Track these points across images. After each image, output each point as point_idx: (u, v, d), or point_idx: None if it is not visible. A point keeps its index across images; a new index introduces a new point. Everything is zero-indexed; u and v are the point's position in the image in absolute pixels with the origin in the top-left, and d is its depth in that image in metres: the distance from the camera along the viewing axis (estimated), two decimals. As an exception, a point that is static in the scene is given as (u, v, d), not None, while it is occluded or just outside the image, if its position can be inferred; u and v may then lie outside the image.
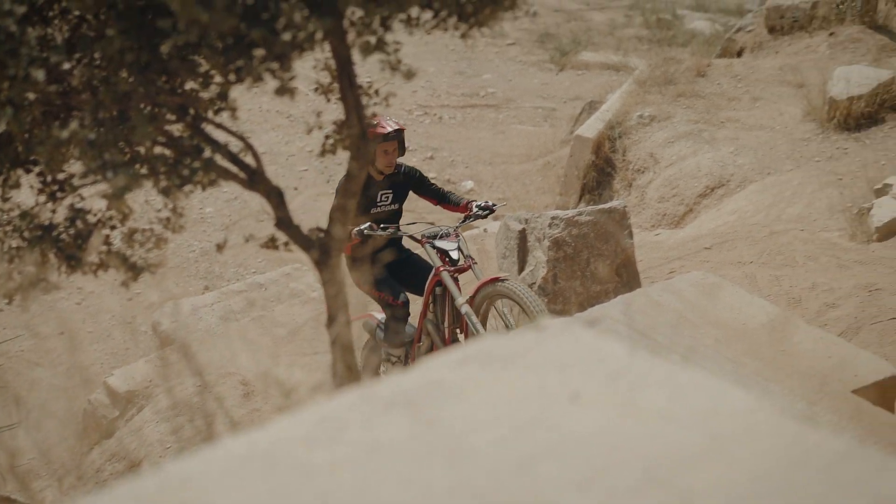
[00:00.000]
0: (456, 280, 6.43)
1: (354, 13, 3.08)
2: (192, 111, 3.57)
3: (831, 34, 11.56)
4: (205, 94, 3.58)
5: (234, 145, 3.73)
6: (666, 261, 8.21)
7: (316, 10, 2.98)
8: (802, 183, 9.22)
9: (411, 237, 6.61)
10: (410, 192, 6.93)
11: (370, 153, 5.88)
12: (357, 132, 3.60)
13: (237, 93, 3.48)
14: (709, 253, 8.21)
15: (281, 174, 11.60)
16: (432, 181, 7.16)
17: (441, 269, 6.42)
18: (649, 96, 10.95)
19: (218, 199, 11.22)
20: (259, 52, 3.02)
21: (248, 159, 3.73)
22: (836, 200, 8.80)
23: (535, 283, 6.50)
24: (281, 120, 12.50)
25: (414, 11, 3.18)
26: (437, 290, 6.56)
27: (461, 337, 6.56)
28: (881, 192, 8.38)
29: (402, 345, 6.82)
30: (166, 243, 4.20)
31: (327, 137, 3.80)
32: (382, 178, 6.77)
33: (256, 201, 3.84)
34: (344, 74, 3.49)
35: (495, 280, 6.31)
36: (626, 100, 10.97)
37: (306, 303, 8.62)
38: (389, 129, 6.57)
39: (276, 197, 3.76)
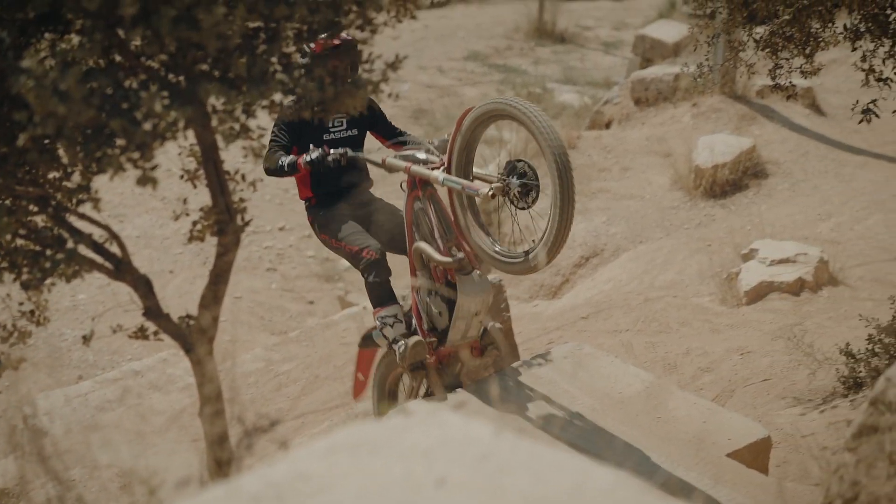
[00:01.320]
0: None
1: (217, 101, 3.08)
2: (53, 202, 3.50)
3: (694, 105, 11.96)
4: (67, 185, 3.53)
5: (100, 234, 3.67)
6: (545, 331, 8.30)
7: (177, 98, 2.96)
8: (673, 250, 9.45)
9: (370, 160, 5.71)
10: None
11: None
12: (225, 217, 3.57)
13: (103, 180, 3.43)
14: (586, 322, 8.33)
15: (156, 257, 11.41)
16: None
17: (408, 165, 5.52)
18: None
19: (91, 285, 10.95)
20: (120, 142, 2.98)
21: (114, 248, 3.67)
22: (705, 266, 9.04)
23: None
24: (154, 202, 12.33)
25: (277, 97, 3.19)
26: (416, 205, 5.64)
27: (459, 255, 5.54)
28: (748, 256, 8.64)
29: (391, 301, 5.79)
30: (30, 336, 4.09)
31: (195, 224, 3.77)
32: None
33: (128, 289, 3.77)
34: (209, 160, 3.48)
35: (464, 115, 5.33)
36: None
37: (184, 389, 8.44)
38: (337, 42, 5.44)
39: (143, 286, 3.69)
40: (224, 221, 3.53)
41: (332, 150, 5.61)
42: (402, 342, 5.73)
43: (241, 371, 8.34)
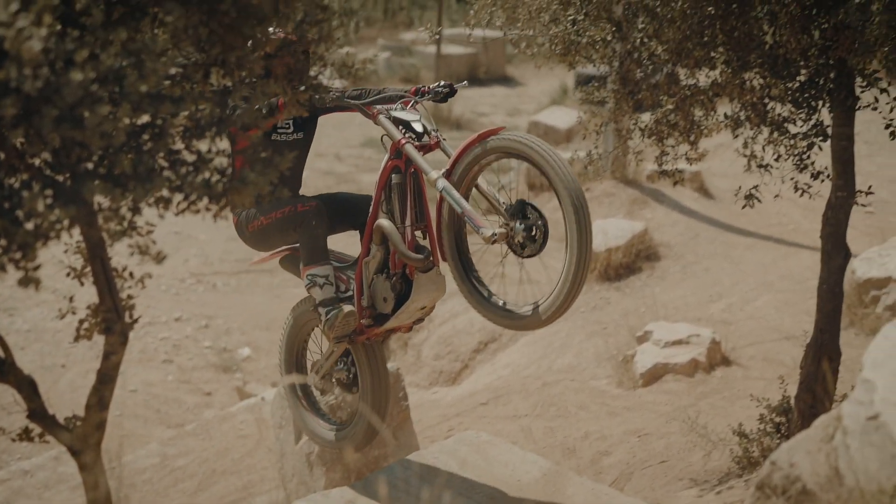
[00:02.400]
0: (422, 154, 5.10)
1: (102, 199, 3.04)
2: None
3: (587, 190, 12.19)
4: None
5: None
6: (444, 419, 8.27)
7: (61, 197, 2.92)
8: (570, 333, 9.54)
9: (359, 108, 5.24)
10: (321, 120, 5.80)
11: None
12: (112, 316, 3.51)
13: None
14: (485, 408, 8.33)
15: (47, 351, 11.12)
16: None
17: (403, 141, 5.04)
18: (420, 256, 11.18)
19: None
20: (1, 242, 2.92)
21: (-3, 349, 3.57)
22: (602, 349, 9.14)
23: (312, 453, 6.39)
24: (46, 295, 12.05)
25: (164, 193, 3.16)
26: (394, 177, 5.13)
27: (425, 242, 5.27)
28: (643, 338, 8.76)
29: (325, 260, 5.36)
30: None
31: (81, 322, 3.70)
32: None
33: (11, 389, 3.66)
34: (96, 258, 3.42)
35: (486, 136, 4.92)
36: (397, 260, 11.15)
37: (76, 488, 8.18)
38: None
39: (27, 387, 3.59)
40: (111, 320, 3.47)
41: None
42: (334, 309, 5.34)
43: (134, 467, 8.12)
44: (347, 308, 5.34)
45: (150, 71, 2.80)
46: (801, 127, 6.53)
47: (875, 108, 6.32)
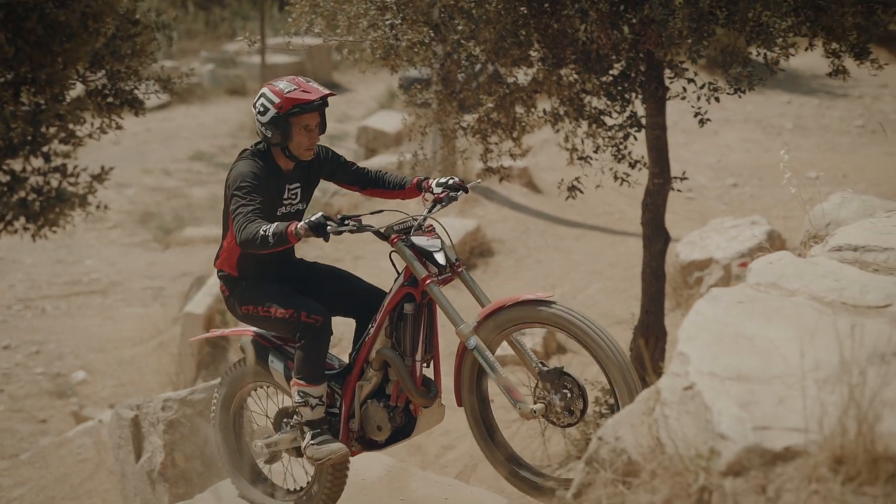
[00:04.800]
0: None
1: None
2: None
3: (418, 191, 12.32)
4: None
5: None
6: (288, 427, 8.25)
7: None
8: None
9: (377, 233, 4.72)
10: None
11: (285, 133, 4.73)
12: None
13: None
14: (329, 413, 8.35)
15: None
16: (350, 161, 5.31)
17: (429, 280, 4.60)
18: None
19: None
20: None
21: None
22: (442, 347, 9.24)
23: (154, 470, 6.30)
24: None
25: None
26: (406, 307, 4.72)
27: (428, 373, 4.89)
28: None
29: (321, 379, 4.79)
30: None
31: None
32: (293, 166, 4.87)
33: None
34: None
35: (530, 303, 4.49)
36: (233, 271, 11.05)
37: None
38: (315, 97, 4.71)
39: None
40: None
41: (335, 217, 4.54)
42: (324, 438, 4.80)
43: (-33, 503, 7.84)
44: (344, 450, 4.83)
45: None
46: (617, 119, 6.79)
47: (684, 98, 6.62)
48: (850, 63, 6.49)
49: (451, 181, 5.06)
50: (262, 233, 4.47)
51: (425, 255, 4.69)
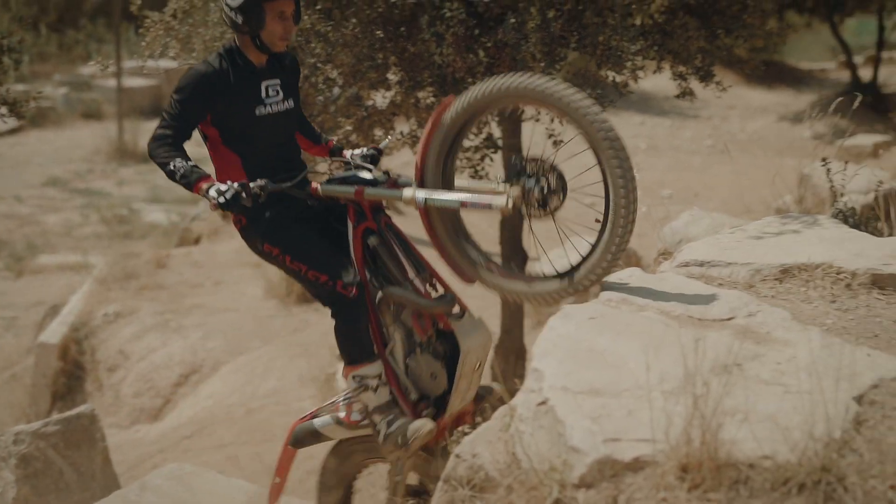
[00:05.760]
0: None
1: None
2: None
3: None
4: None
5: None
6: (148, 456, 8.09)
7: None
8: (272, 358, 9.56)
9: (306, 197, 4.39)
10: None
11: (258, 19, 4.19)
12: None
13: None
14: (190, 441, 8.21)
15: None
16: None
17: (359, 189, 4.28)
18: (112, 293, 10.88)
19: None
20: None
21: None
22: (305, 370, 9.22)
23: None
24: None
25: None
26: (371, 240, 4.34)
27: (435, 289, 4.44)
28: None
29: (374, 355, 4.32)
30: None
31: None
32: (265, 60, 4.37)
33: None
34: None
35: (441, 112, 4.11)
36: (88, 300, 10.80)
37: None
38: None
39: None
40: None
41: (251, 184, 4.05)
42: (401, 420, 4.30)
43: None
44: (428, 423, 4.31)
45: None
46: (474, 140, 6.88)
47: (538, 120, 6.76)
48: (696, 85, 6.72)
49: (367, 151, 4.75)
50: (171, 167, 4.07)
51: (353, 181, 4.39)
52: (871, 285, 3.88)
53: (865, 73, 19.45)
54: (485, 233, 12.16)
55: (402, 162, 13.01)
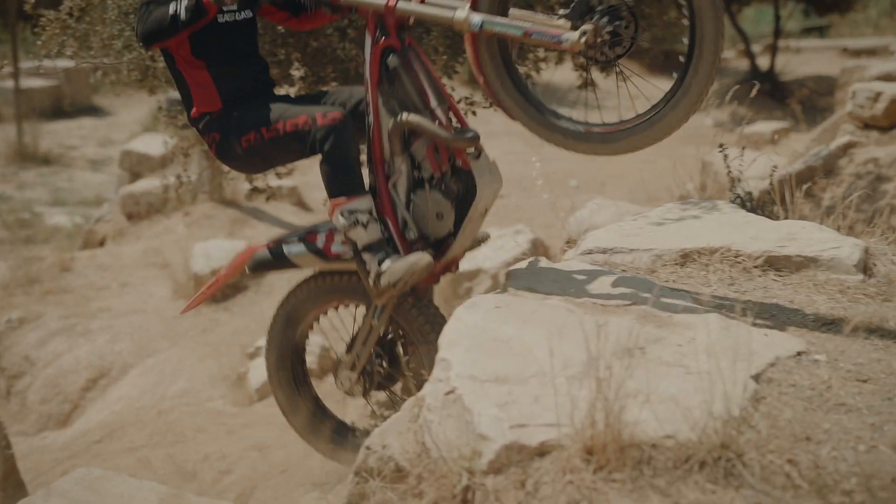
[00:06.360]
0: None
1: None
2: None
3: (186, 214, 12.11)
4: None
5: None
6: (57, 462, 7.94)
7: None
8: (181, 359, 9.45)
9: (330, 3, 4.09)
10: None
11: None
12: None
13: None
14: (100, 446, 8.08)
15: None
16: None
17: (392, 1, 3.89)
18: (15, 299, 10.65)
19: None
20: None
21: None
22: (215, 370, 9.13)
23: None
24: None
25: None
26: (391, 59, 3.99)
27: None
28: (254, 354, 8.85)
29: (364, 189, 4.03)
30: None
31: None
32: None
33: None
34: None
35: None
36: (-9, 306, 10.57)
37: None
38: None
39: None
40: None
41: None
42: (392, 257, 4.02)
43: None
44: (424, 257, 3.99)
45: None
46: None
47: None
48: (598, 76, 6.81)
49: None
50: (170, 11, 3.87)
51: None
52: (767, 267, 3.98)
53: (763, 62, 19.87)
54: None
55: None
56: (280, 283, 10.94)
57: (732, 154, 5.44)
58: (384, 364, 4.51)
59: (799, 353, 3.24)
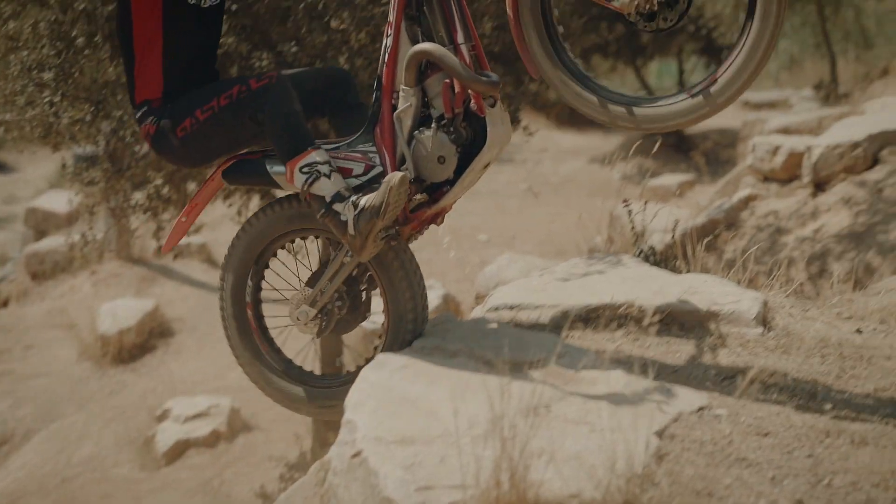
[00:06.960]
0: None
1: None
2: None
3: (93, 272, 11.90)
4: None
5: None
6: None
7: None
8: (87, 423, 9.24)
9: None
10: None
11: None
12: None
13: None
14: (1, 515, 7.85)
15: None
16: None
17: None
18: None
19: None
20: None
21: None
22: (122, 434, 8.94)
23: None
24: None
25: None
26: None
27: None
28: (162, 416, 8.69)
29: (314, 142, 3.76)
30: None
31: None
32: None
33: None
34: None
35: None
36: None
37: None
38: None
39: None
40: None
41: None
42: (370, 189, 3.73)
43: None
44: (397, 175, 3.64)
45: None
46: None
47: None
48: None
49: None
50: None
51: None
52: (670, 321, 4.03)
53: (669, 116, 20.20)
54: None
55: (220, 214, 12.86)
56: (189, 344, 10.79)
57: (636, 208, 5.52)
58: (344, 309, 4.13)
59: (700, 408, 3.27)
